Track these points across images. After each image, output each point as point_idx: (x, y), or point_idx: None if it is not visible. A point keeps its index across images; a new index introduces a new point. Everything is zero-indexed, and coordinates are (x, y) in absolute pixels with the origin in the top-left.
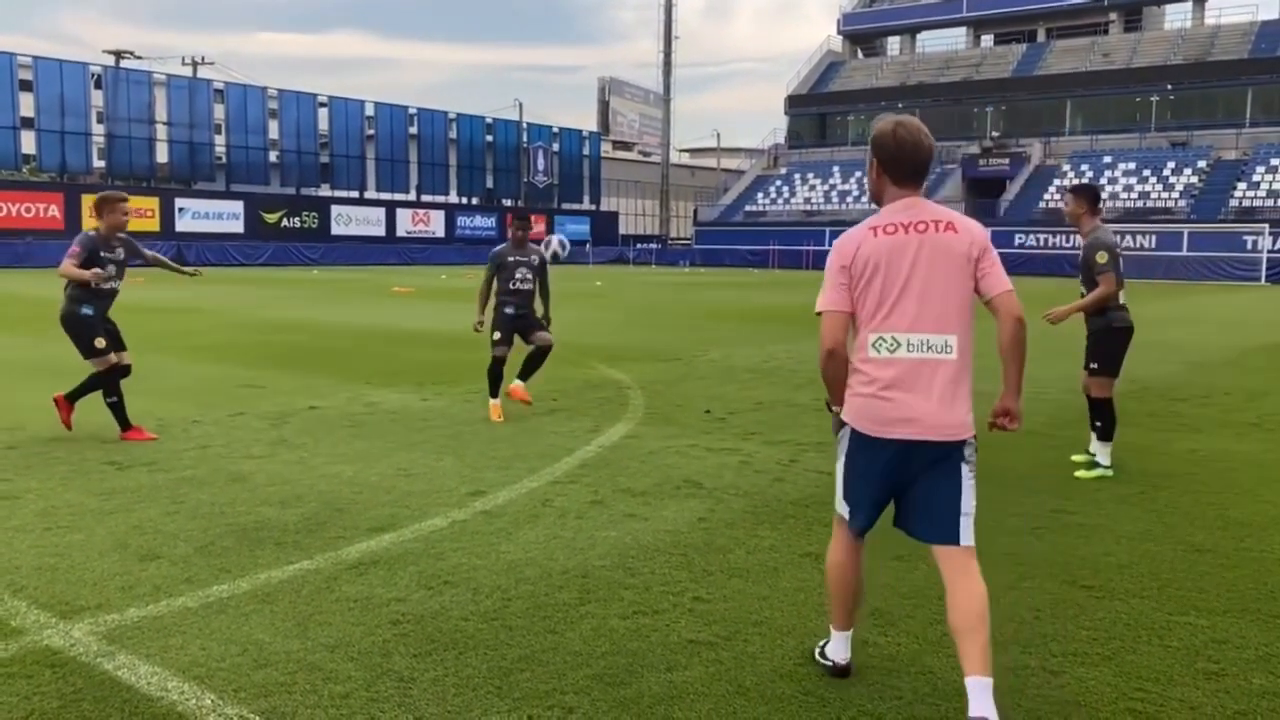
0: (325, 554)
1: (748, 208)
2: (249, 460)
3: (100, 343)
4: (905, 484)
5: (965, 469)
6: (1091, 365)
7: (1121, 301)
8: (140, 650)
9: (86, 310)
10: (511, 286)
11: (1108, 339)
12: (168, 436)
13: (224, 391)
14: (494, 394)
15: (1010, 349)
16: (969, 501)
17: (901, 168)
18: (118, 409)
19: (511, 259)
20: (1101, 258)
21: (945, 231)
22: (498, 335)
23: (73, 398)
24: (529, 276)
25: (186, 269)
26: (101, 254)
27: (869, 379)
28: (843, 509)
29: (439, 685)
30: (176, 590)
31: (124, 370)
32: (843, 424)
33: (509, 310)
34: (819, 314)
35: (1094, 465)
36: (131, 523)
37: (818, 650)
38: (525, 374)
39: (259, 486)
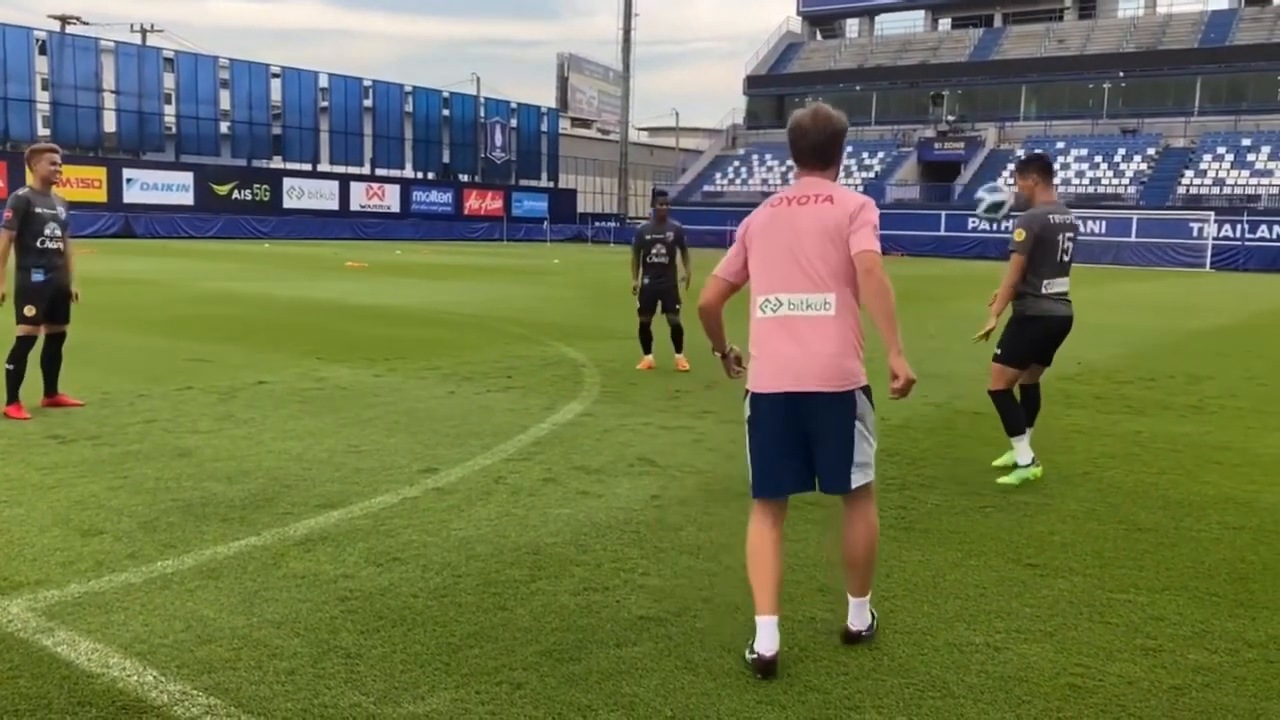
0: (272, 530)
1: (706, 188)
2: (195, 435)
3: (30, 310)
4: (806, 439)
5: (856, 422)
6: (995, 350)
7: (1049, 290)
8: (80, 626)
9: (38, 276)
10: (649, 260)
11: (1014, 326)
12: (113, 410)
13: (171, 365)
14: (645, 350)
15: (870, 304)
16: (861, 452)
17: (796, 150)
18: (13, 379)
19: (649, 236)
20: (1019, 235)
21: (823, 203)
22: (640, 305)
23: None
24: (664, 251)
25: (74, 289)
26: (37, 209)
27: (758, 339)
28: (756, 486)
29: (386, 661)
30: (120, 566)
31: (54, 340)
32: (744, 390)
33: (646, 281)
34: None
35: (1014, 468)
36: (74, 497)
37: (748, 650)
38: (677, 348)
39: (206, 462)
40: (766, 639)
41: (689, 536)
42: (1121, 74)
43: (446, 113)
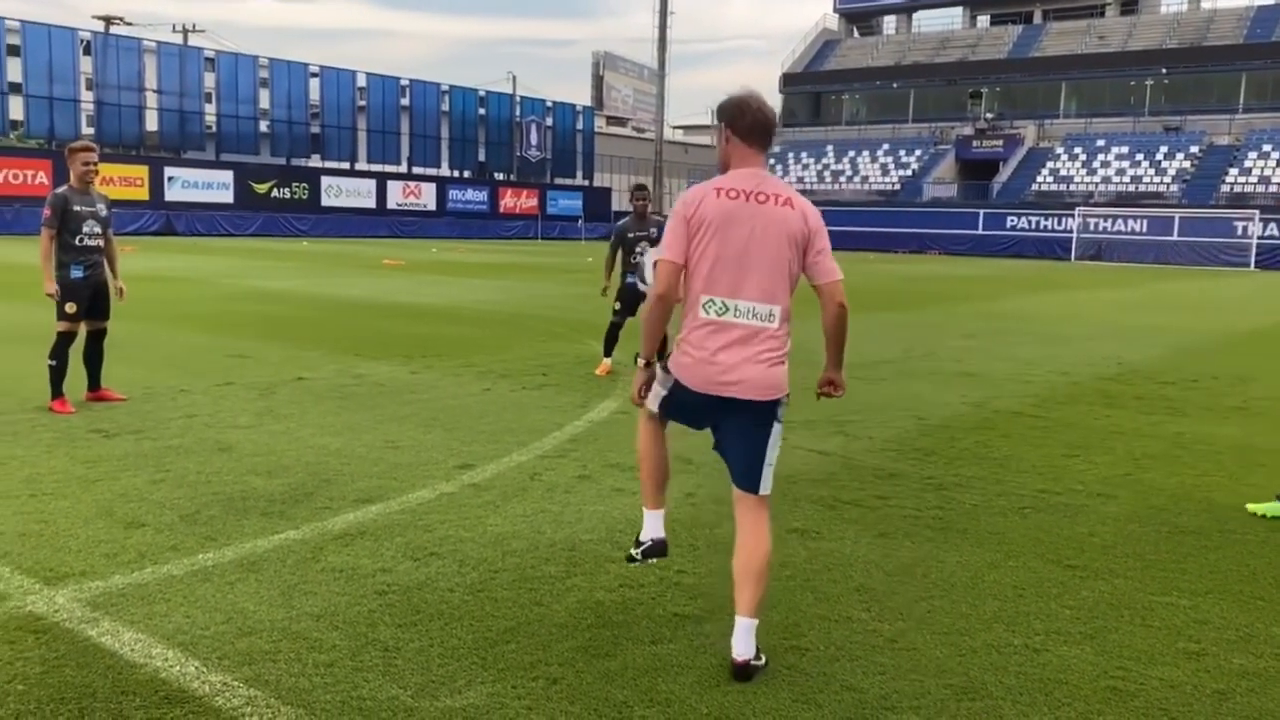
0: (311, 524)
1: None
2: (236, 430)
3: (71, 307)
4: (719, 425)
5: (776, 425)
6: None
7: None
8: (124, 617)
9: (77, 273)
10: (633, 260)
11: None
12: (154, 405)
13: (211, 361)
14: (607, 353)
15: (834, 331)
16: (774, 453)
17: (755, 133)
18: (56, 375)
19: (631, 235)
20: None
21: (783, 206)
22: (617, 305)
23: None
24: (648, 250)
25: (119, 282)
26: (75, 207)
27: (698, 341)
28: (652, 404)
29: (423, 655)
30: (161, 558)
31: (95, 336)
32: (667, 373)
33: (630, 280)
34: (659, 259)
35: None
36: (117, 490)
37: (634, 549)
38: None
39: (246, 456)
40: (656, 526)
41: (724, 534)
42: (1164, 70)
43: (482, 111)
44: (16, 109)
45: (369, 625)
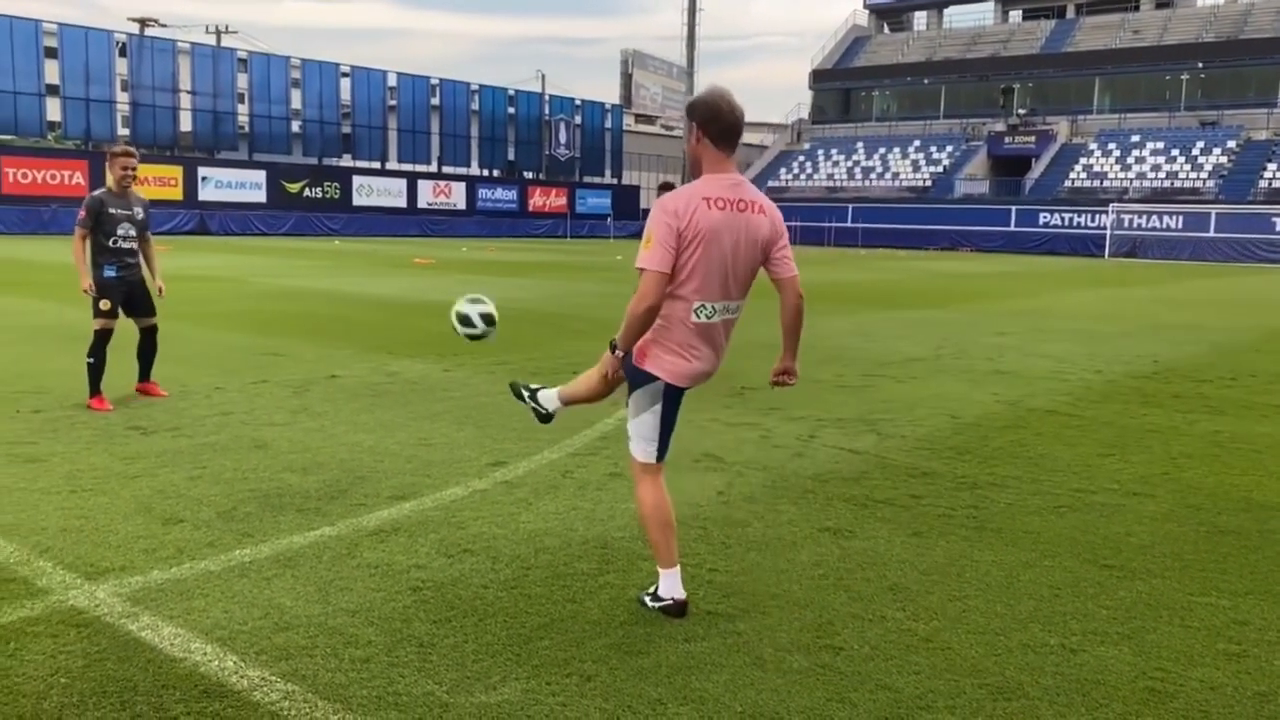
0: (346, 520)
1: (770, 183)
2: (271, 427)
3: (105, 304)
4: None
5: None
6: None
7: None
8: (163, 611)
9: (109, 273)
10: None
11: None
12: (190, 402)
13: (246, 359)
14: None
15: (794, 322)
16: None
17: (727, 136)
18: (94, 372)
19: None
20: None
21: (758, 214)
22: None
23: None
24: None
25: (159, 281)
26: (110, 210)
27: (686, 342)
28: (648, 454)
29: (458, 651)
30: (199, 553)
31: (146, 333)
32: (649, 377)
33: None
34: (641, 269)
35: None
36: (155, 487)
37: (648, 596)
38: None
39: (281, 453)
40: (678, 586)
41: (756, 532)
42: (1200, 65)
43: (512, 110)
44: (54, 110)
45: (404, 621)
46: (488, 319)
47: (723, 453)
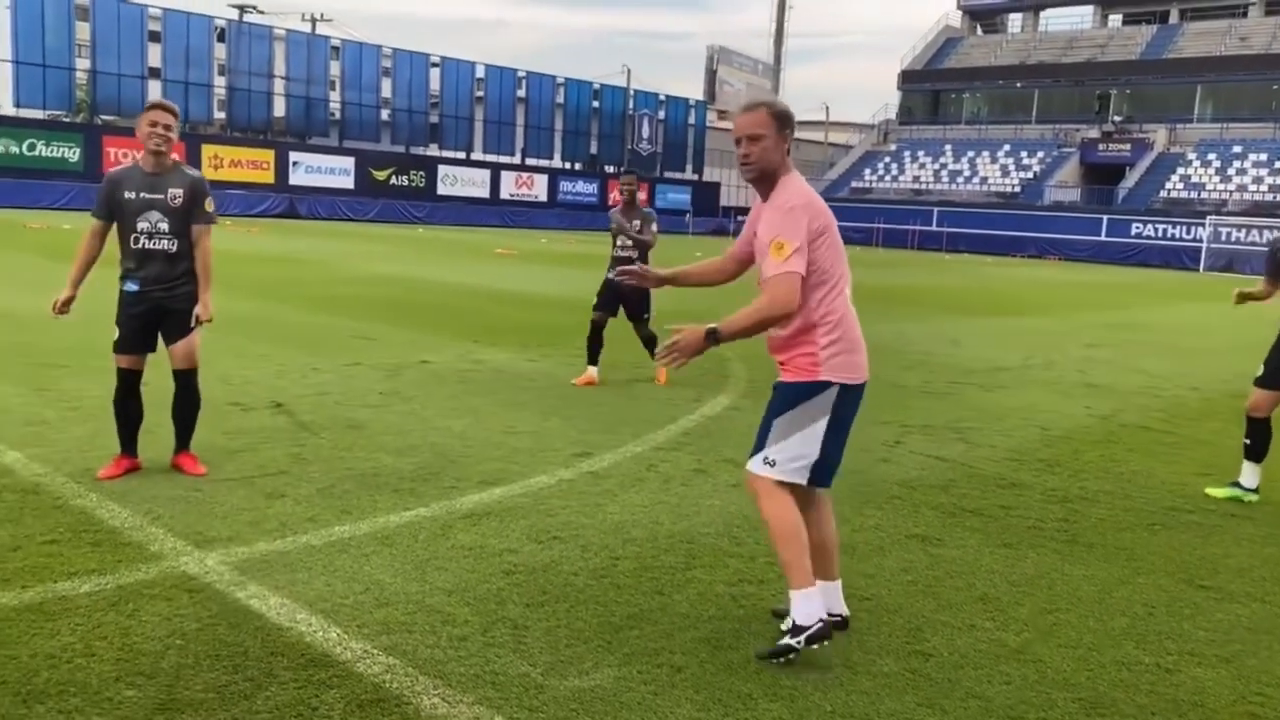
0: (440, 502)
1: (854, 184)
2: (365, 409)
3: (114, 335)
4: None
5: None
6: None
7: None
8: (269, 582)
9: (128, 287)
10: (615, 253)
11: None
12: (289, 381)
13: (338, 341)
14: (591, 360)
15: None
16: None
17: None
18: (117, 422)
19: (613, 226)
20: None
21: None
22: (596, 300)
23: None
24: (630, 243)
25: (198, 309)
26: (125, 193)
27: (839, 335)
28: (799, 474)
29: (552, 635)
30: (301, 528)
31: (176, 379)
32: (821, 386)
33: (610, 275)
34: (789, 273)
35: (1231, 485)
36: (257, 462)
37: (792, 637)
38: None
39: (376, 434)
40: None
41: (842, 536)
42: None
43: (596, 104)
44: (154, 92)
45: (498, 603)
46: None
47: None
